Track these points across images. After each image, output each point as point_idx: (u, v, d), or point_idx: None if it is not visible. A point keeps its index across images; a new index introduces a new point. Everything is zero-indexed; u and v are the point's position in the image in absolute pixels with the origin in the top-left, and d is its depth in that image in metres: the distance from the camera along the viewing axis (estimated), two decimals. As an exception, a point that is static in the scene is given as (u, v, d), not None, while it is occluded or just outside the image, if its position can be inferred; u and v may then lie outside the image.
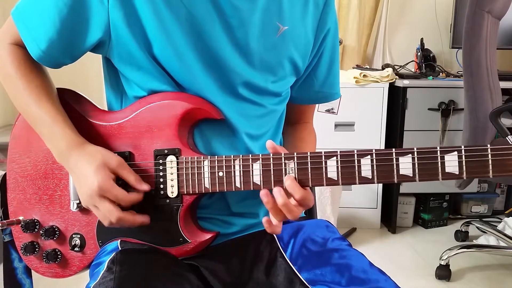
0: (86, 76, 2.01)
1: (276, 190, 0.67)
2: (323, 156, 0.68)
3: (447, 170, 0.64)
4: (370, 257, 0.75)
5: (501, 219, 2.37)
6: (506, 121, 2.11)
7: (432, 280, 1.92)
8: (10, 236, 0.83)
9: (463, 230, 2.31)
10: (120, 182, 0.70)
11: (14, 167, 0.81)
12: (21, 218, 0.80)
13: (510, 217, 2.30)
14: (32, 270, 0.84)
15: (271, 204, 0.67)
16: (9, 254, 0.85)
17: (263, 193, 0.67)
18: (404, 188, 2.36)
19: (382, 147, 2.32)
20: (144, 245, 0.75)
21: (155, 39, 0.71)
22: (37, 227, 0.79)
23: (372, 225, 2.45)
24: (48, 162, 0.79)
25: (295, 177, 0.67)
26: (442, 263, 1.91)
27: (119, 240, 0.77)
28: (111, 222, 0.69)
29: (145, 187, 0.71)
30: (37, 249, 0.80)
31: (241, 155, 0.71)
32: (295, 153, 0.69)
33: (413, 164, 0.65)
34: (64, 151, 0.72)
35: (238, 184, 0.71)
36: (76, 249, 0.78)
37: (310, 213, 1.03)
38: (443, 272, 1.91)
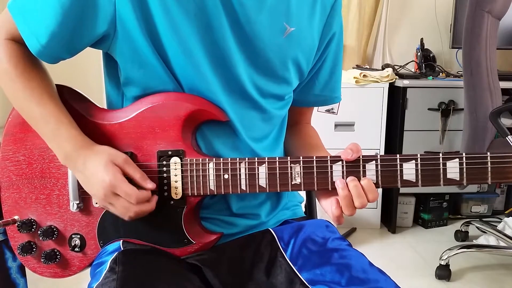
0: (84, 73, 1.99)
1: (350, 180, 0.68)
2: (329, 161, 0.69)
3: (449, 176, 0.67)
4: (370, 257, 0.75)
5: (501, 219, 2.37)
6: (506, 121, 2.11)
7: (432, 280, 1.92)
8: (3, 235, 0.83)
9: (463, 230, 2.31)
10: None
11: (7, 165, 0.79)
12: (16, 217, 0.79)
13: (510, 217, 2.30)
14: (27, 270, 0.83)
15: (348, 197, 0.68)
16: (2, 254, 0.85)
17: (340, 185, 0.68)
18: (404, 188, 2.36)
19: (382, 147, 2.32)
20: (146, 245, 0.75)
21: (164, 34, 0.69)
22: (34, 227, 0.78)
23: (372, 225, 2.45)
24: (45, 160, 0.77)
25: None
26: (442, 263, 1.91)
27: (121, 240, 0.76)
28: (130, 217, 0.69)
29: (150, 185, 0.70)
30: (34, 249, 0.79)
31: (246, 158, 0.71)
32: (301, 157, 0.70)
33: (416, 170, 0.67)
34: (71, 153, 0.70)
35: (243, 187, 0.71)
36: (76, 249, 0.77)
37: (310, 213, 1.03)
38: (443, 272, 1.91)
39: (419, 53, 2.46)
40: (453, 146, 2.29)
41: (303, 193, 1.01)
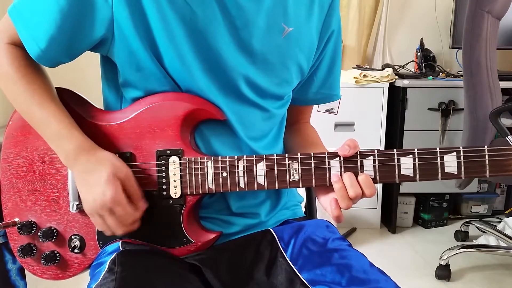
0: (83, 75, 2.01)
1: (347, 176, 0.68)
2: (327, 157, 0.69)
3: (446, 170, 0.66)
4: (370, 257, 0.75)
5: (501, 219, 2.37)
6: (506, 121, 2.11)
7: (432, 280, 1.92)
8: (3, 238, 0.83)
9: (463, 230, 2.31)
10: None
11: (8, 167, 0.79)
12: (16, 220, 0.79)
13: (510, 217, 2.30)
14: (27, 272, 0.82)
15: (342, 189, 0.68)
16: (2, 256, 0.85)
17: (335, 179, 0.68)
18: (404, 188, 2.36)
19: (382, 147, 2.32)
20: (146, 246, 0.75)
21: (160, 39, 0.70)
22: (34, 229, 0.78)
23: (372, 225, 2.45)
24: (45, 162, 0.77)
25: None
26: (442, 263, 1.92)
27: (120, 241, 0.76)
28: (113, 234, 0.71)
29: (143, 206, 0.71)
30: (34, 251, 0.79)
31: (244, 156, 0.71)
32: (298, 154, 0.70)
33: (414, 165, 0.67)
34: (72, 153, 0.71)
35: (242, 185, 0.71)
36: (76, 250, 0.77)
37: (310, 213, 1.03)
38: (443, 272, 1.91)
39: (419, 53, 2.47)
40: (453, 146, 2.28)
41: (303, 193, 1.01)
